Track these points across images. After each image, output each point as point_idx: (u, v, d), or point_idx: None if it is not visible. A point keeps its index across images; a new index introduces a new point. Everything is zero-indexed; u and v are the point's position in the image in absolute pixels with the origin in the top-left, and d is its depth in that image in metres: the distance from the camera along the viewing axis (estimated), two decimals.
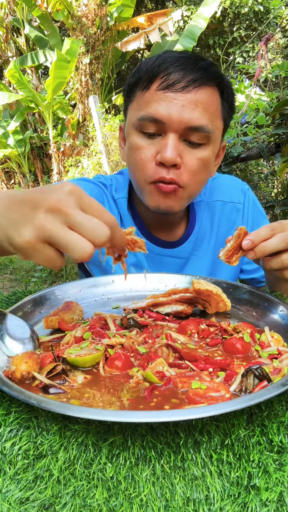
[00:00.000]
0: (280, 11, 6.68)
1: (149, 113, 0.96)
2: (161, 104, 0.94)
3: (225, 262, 0.81)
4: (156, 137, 0.98)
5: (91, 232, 0.54)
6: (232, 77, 4.39)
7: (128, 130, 1.04)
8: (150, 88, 0.97)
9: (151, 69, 0.97)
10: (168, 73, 0.94)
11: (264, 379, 0.55)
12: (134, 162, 1.02)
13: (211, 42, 9.09)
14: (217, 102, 0.99)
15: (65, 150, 7.77)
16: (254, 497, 0.45)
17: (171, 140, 0.95)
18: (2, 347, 0.68)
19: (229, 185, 1.29)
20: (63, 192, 0.55)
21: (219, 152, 1.12)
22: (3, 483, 0.47)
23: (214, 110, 0.98)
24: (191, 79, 0.94)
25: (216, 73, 0.98)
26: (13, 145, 7.78)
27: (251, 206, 1.28)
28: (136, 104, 1.01)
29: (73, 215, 0.53)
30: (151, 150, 0.98)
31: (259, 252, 0.77)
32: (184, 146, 0.97)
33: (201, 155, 0.99)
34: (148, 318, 0.82)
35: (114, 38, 7.67)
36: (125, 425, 0.50)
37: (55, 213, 0.53)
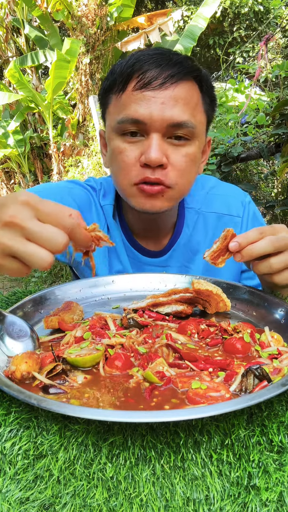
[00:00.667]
0: (280, 11, 6.68)
1: (129, 114, 0.92)
2: (140, 104, 0.91)
3: (211, 263, 0.79)
4: (139, 139, 0.95)
5: (48, 241, 0.56)
6: (232, 77, 4.39)
7: (108, 135, 1.01)
8: (126, 89, 0.93)
9: (125, 70, 0.93)
10: (143, 71, 0.91)
11: (264, 379, 0.55)
12: (118, 166, 0.98)
13: (211, 42, 9.09)
14: (197, 96, 0.97)
15: (65, 150, 7.77)
16: (254, 497, 0.45)
17: (154, 140, 0.92)
18: (2, 347, 0.68)
19: (228, 196, 1.23)
20: (17, 205, 0.56)
21: (205, 148, 1.09)
22: (3, 483, 0.47)
23: (195, 104, 0.96)
24: (168, 74, 0.91)
25: (193, 67, 0.96)
26: (13, 145, 7.77)
27: (250, 220, 1.21)
28: (113, 107, 0.98)
29: (28, 227, 0.55)
30: (135, 152, 0.94)
31: (246, 255, 0.76)
32: (169, 145, 0.94)
33: (187, 151, 0.96)
34: (148, 318, 0.82)
35: (114, 38, 7.67)
36: (125, 425, 0.50)
37: (11, 227, 0.55)
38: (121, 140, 0.96)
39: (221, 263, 0.80)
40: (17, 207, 0.56)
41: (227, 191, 1.25)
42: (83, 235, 0.62)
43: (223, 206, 1.20)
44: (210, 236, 1.19)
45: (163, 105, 0.91)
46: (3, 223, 0.56)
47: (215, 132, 3.07)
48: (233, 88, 3.36)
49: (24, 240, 0.56)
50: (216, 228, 1.19)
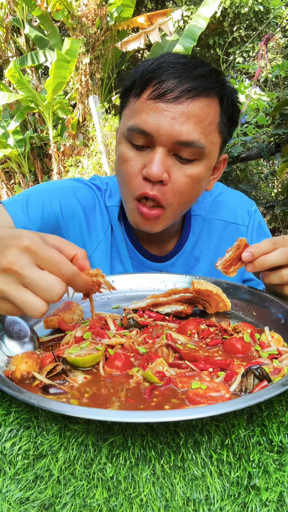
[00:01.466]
0: (280, 11, 6.68)
1: (138, 124, 0.91)
2: (151, 115, 0.89)
3: (222, 273, 0.80)
4: (145, 149, 0.93)
5: (44, 291, 0.55)
6: (232, 77, 4.39)
7: (118, 139, 1.00)
8: (142, 96, 0.92)
9: (145, 75, 0.91)
10: (161, 81, 0.88)
11: (264, 379, 0.55)
12: (121, 174, 0.98)
13: (211, 42, 9.09)
14: (214, 114, 0.92)
15: (65, 150, 7.77)
16: (254, 497, 0.45)
17: (158, 155, 0.90)
18: (2, 347, 0.68)
19: (234, 204, 1.21)
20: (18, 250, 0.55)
21: (219, 165, 1.07)
22: (3, 483, 0.47)
23: (209, 124, 0.92)
24: (185, 89, 0.88)
25: (215, 82, 0.92)
26: (13, 145, 7.78)
27: (255, 229, 1.20)
28: (128, 111, 0.97)
29: (26, 275, 0.54)
30: (138, 163, 0.93)
31: (258, 265, 0.76)
32: (174, 161, 0.92)
33: (191, 171, 0.93)
34: (148, 318, 0.82)
35: (114, 38, 7.67)
36: (125, 425, 0.50)
37: (9, 273, 0.55)
38: (128, 147, 0.95)
39: (232, 272, 0.80)
40: (17, 253, 0.55)
41: (233, 199, 1.23)
42: (83, 281, 0.61)
43: (229, 214, 1.19)
44: (214, 243, 1.18)
45: (173, 120, 0.88)
46: (2, 268, 0.55)
47: None
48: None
49: (20, 287, 0.55)
50: (221, 237, 1.18)
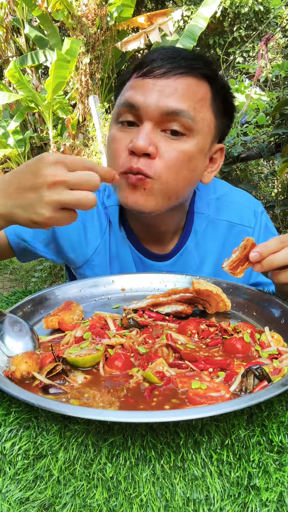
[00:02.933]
0: (280, 11, 6.68)
1: (125, 98, 0.91)
2: (138, 89, 0.90)
3: (230, 274, 0.78)
4: (134, 128, 0.92)
5: (87, 183, 0.67)
6: (232, 77, 4.39)
7: (110, 125, 0.99)
8: (131, 77, 0.94)
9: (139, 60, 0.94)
10: (151, 61, 0.91)
11: (264, 379, 0.55)
12: (109, 154, 0.96)
13: (211, 42, 9.09)
14: (205, 92, 0.92)
15: (65, 150, 7.76)
16: (254, 497, 0.45)
17: (144, 128, 0.88)
18: (2, 347, 0.68)
19: (240, 205, 1.17)
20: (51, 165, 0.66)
21: (216, 157, 1.03)
22: (3, 483, 0.47)
23: (199, 99, 0.90)
24: (173, 66, 0.89)
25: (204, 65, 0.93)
26: (13, 145, 7.77)
27: (262, 231, 1.16)
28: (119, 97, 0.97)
29: (68, 180, 0.66)
30: (126, 140, 0.91)
31: (267, 265, 0.75)
32: (162, 136, 0.90)
33: (181, 147, 0.90)
34: (148, 318, 0.82)
35: (114, 38, 7.67)
36: (125, 425, 0.50)
37: (55, 185, 0.66)
38: (117, 129, 0.94)
39: (240, 273, 0.78)
40: (53, 167, 0.66)
41: (240, 199, 1.19)
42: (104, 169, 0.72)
43: (235, 215, 1.15)
44: (219, 244, 1.14)
45: (160, 92, 0.88)
46: (48, 184, 0.66)
47: None
48: (233, 88, 3.36)
49: (69, 191, 0.66)
50: (227, 238, 1.15)
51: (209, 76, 0.93)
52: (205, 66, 0.93)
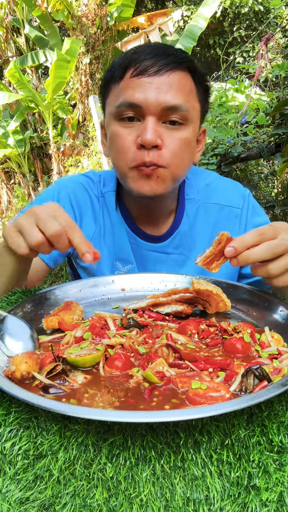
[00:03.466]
0: (280, 11, 6.68)
1: (126, 98, 0.98)
2: (136, 89, 0.97)
3: (205, 268, 0.77)
4: (136, 123, 1.00)
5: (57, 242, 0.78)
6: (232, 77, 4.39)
7: (108, 122, 1.06)
8: (125, 77, 1.00)
9: (123, 61, 1.00)
10: (140, 61, 0.98)
11: (264, 379, 0.55)
12: (116, 150, 1.03)
13: (211, 42, 9.09)
14: (190, 84, 1.02)
15: (65, 150, 7.76)
16: (254, 497, 0.45)
17: (150, 123, 0.97)
18: (2, 347, 0.68)
19: (228, 190, 1.25)
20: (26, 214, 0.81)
21: (200, 138, 1.14)
22: (3, 483, 0.47)
23: (189, 91, 1.01)
24: (163, 63, 0.97)
25: (186, 58, 1.02)
26: (13, 145, 7.77)
27: (250, 211, 1.23)
28: (113, 96, 1.03)
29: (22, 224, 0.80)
30: (132, 135, 0.99)
31: (242, 261, 0.73)
32: (164, 128, 1.00)
33: (181, 135, 1.01)
34: (148, 318, 0.82)
35: (114, 38, 7.66)
36: (125, 425, 0.50)
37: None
38: (119, 125, 1.02)
39: (215, 268, 0.77)
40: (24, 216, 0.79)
41: (227, 185, 1.28)
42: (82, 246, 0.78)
43: (224, 198, 1.23)
44: (211, 226, 1.21)
45: (158, 89, 0.97)
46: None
47: (215, 132, 3.07)
48: (233, 88, 3.36)
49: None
50: (218, 219, 1.22)
51: (191, 67, 1.03)
52: (186, 58, 1.03)
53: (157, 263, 1.20)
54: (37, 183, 8.60)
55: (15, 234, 0.80)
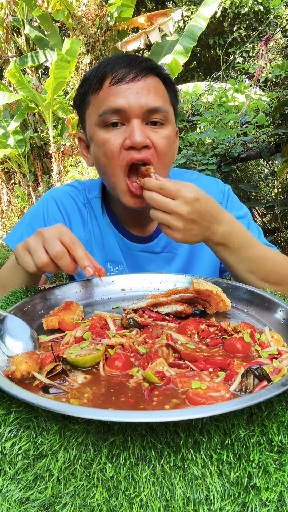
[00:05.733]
0: (280, 11, 6.68)
1: (109, 106, 1.02)
2: (118, 96, 1.02)
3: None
4: (120, 127, 1.04)
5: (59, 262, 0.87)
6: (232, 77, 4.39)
7: (91, 132, 1.09)
8: (103, 86, 1.04)
9: (99, 73, 1.05)
10: (116, 70, 1.03)
11: (264, 379, 0.55)
12: (104, 156, 1.06)
13: (211, 42, 9.09)
14: (163, 88, 1.09)
15: (65, 150, 7.77)
16: (254, 497, 0.45)
17: (136, 125, 1.01)
18: (2, 347, 0.68)
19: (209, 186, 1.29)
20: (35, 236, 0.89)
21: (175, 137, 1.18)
22: (3, 483, 0.47)
23: (163, 94, 1.08)
24: (137, 70, 1.03)
25: (155, 65, 1.09)
26: (13, 145, 7.77)
27: (229, 205, 1.29)
28: (93, 106, 1.07)
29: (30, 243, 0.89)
30: (118, 140, 1.03)
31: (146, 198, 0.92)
32: (148, 129, 1.04)
33: (165, 133, 1.06)
34: (148, 318, 0.82)
35: (114, 38, 7.67)
36: (125, 425, 0.50)
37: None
38: (103, 131, 1.06)
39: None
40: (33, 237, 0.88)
41: (207, 182, 1.34)
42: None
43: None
44: None
45: (138, 94, 1.02)
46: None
47: (215, 132, 3.07)
48: (233, 88, 3.36)
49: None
50: None
51: (159, 72, 1.09)
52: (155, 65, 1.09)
53: (146, 263, 1.24)
54: (37, 183, 8.60)
55: (24, 253, 0.87)
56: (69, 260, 0.84)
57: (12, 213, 8.56)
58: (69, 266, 0.84)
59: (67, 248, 0.85)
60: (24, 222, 1.29)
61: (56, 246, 0.83)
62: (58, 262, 0.84)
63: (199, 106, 3.94)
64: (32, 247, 0.85)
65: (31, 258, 0.86)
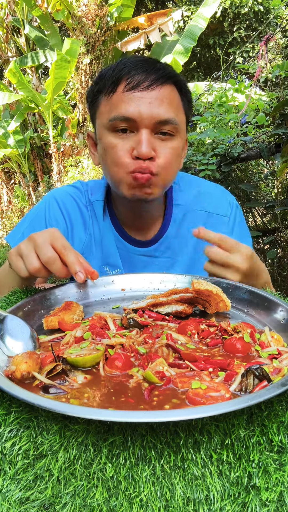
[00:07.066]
0: (280, 11, 6.68)
1: (120, 113, 1.02)
2: (130, 103, 1.01)
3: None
4: (129, 134, 1.04)
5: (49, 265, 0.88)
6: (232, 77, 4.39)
7: (100, 133, 1.10)
8: (117, 91, 1.04)
9: (115, 74, 1.04)
10: (132, 76, 1.02)
11: (264, 379, 0.55)
12: (111, 159, 1.06)
13: (211, 42, 9.10)
14: (178, 97, 1.08)
15: (65, 150, 7.77)
16: (254, 497, 0.45)
17: (144, 135, 1.02)
18: (2, 347, 0.68)
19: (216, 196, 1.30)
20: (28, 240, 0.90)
21: (185, 145, 1.19)
22: (3, 483, 0.47)
23: (177, 105, 1.07)
24: (153, 78, 1.02)
25: (173, 72, 1.07)
26: (13, 145, 7.77)
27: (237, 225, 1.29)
28: (104, 108, 1.07)
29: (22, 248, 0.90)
30: (126, 146, 1.04)
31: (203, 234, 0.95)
32: (157, 139, 1.05)
33: (172, 145, 1.07)
34: (148, 318, 0.82)
35: (114, 38, 7.67)
36: (125, 425, 0.50)
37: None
38: (112, 136, 1.05)
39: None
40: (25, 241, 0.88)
41: (214, 191, 1.33)
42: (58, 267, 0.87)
43: (211, 205, 1.28)
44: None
45: (151, 104, 1.01)
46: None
47: (215, 132, 3.07)
48: (233, 88, 3.36)
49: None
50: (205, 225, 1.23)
51: (177, 80, 1.08)
52: (173, 72, 1.08)
53: (145, 267, 1.24)
54: (37, 183, 8.61)
55: (16, 258, 0.88)
56: (60, 265, 0.84)
57: (12, 213, 8.56)
58: (60, 271, 0.85)
59: (59, 253, 0.85)
60: (26, 222, 1.29)
61: (48, 252, 0.84)
62: (49, 267, 0.84)
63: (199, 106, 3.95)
64: (24, 253, 0.86)
65: (23, 263, 0.86)
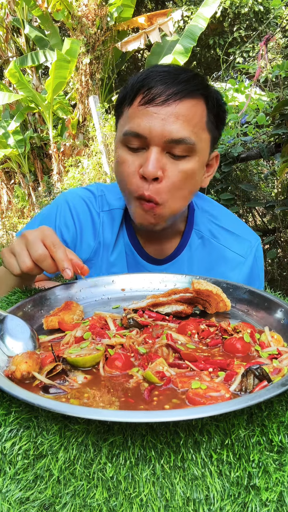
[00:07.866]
0: (280, 11, 6.68)
1: (132, 128, 0.97)
2: (143, 119, 0.96)
3: None
4: (141, 151, 0.99)
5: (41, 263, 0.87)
6: (232, 77, 4.39)
7: (115, 144, 1.07)
8: (133, 103, 0.99)
9: (136, 84, 0.99)
10: (150, 88, 0.95)
11: (264, 379, 0.55)
12: (121, 176, 1.04)
13: (211, 42, 9.10)
14: (201, 113, 0.98)
15: (65, 150, 7.77)
16: (254, 497, 0.45)
17: (153, 154, 0.96)
18: (2, 347, 0.68)
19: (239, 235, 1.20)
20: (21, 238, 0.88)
21: (212, 162, 1.12)
22: (3, 483, 0.47)
23: (197, 122, 0.98)
24: (172, 92, 0.94)
25: (199, 85, 0.98)
26: (13, 145, 7.77)
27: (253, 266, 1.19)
28: (123, 120, 1.03)
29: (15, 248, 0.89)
30: (135, 164, 0.99)
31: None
32: (168, 158, 0.98)
33: (184, 167, 0.98)
34: (148, 318, 0.82)
35: (114, 38, 7.67)
36: (125, 425, 0.50)
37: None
38: (125, 151, 1.02)
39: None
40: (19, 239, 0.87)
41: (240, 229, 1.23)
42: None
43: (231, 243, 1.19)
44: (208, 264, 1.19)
45: (163, 121, 0.94)
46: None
47: None
48: (233, 88, 3.36)
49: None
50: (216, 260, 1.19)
51: (204, 93, 0.99)
52: (200, 84, 0.99)
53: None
54: (37, 183, 8.60)
55: (9, 256, 0.88)
56: (51, 262, 0.84)
57: (12, 213, 8.55)
58: (51, 268, 0.84)
59: (48, 250, 0.84)
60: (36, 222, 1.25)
61: (38, 249, 0.83)
62: (40, 264, 0.84)
63: None
64: (17, 251, 0.86)
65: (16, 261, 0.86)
